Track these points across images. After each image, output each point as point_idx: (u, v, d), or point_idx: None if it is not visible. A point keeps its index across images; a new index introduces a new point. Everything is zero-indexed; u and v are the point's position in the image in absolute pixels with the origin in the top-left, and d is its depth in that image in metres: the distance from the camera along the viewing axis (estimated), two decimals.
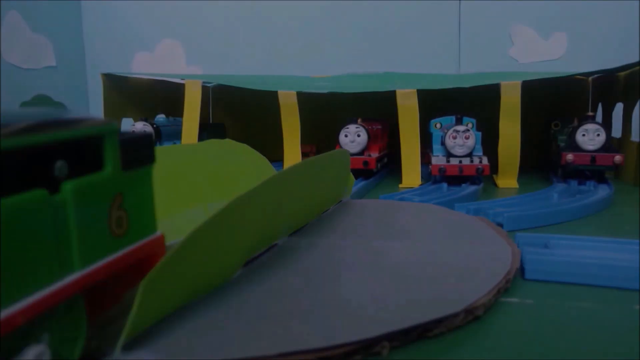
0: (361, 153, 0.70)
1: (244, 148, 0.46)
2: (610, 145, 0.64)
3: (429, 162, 0.66)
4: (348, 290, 0.27)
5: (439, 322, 0.23)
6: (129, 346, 0.20)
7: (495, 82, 0.69)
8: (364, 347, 0.21)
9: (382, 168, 0.78)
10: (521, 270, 0.32)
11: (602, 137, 0.63)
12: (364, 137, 0.70)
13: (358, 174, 0.70)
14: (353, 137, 0.70)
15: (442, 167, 0.63)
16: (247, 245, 0.29)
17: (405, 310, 0.24)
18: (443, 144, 0.66)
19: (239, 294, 0.26)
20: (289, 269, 0.30)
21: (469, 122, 0.67)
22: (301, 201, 0.37)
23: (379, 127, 0.77)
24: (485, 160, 0.63)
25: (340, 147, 0.70)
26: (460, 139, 0.63)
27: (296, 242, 0.35)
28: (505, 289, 0.28)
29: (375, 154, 0.71)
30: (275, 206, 0.31)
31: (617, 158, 0.62)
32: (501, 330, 0.24)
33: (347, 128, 0.70)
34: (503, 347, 0.23)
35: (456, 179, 0.64)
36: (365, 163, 0.68)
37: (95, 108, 1.29)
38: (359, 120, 0.71)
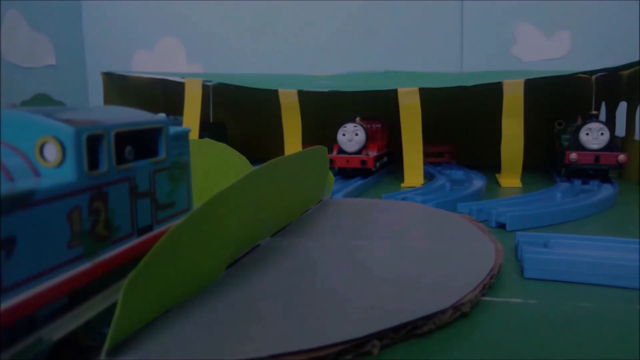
0: (359, 152, 0.70)
1: (224, 148, 0.45)
2: (614, 144, 0.63)
3: None
4: (334, 290, 0.26)
5: (427, 318, 0.23)
6: (115, 351, 0.19)
7: (498, 80, 0.68)
8: (355, 346, 0.21)
9: (382, 167, 0.77)
10: (520, 269, 0.32)
11: (606, 136, 0.63)
12: (361, 136, 0.69)
13: (356, 173, 0.70)
14: (351, 135, 0.69)
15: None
16: (229, 245, 0.28)
17: (392, 308, 0.24)
18: None
19: (225, 296, 0.25)
20: (273, 270, 0.29)
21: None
22: (281, 200, 0.36)
23: (378, 125, 0.76)
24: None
25: (339, 146, 0.70)
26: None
27: (279, 243, 0.35)
28: (490, 285, 0.28)
29: (373, 153, 0.71)
30: (255, 204, 0.30)
31: (621, 157, 0.61)
32: (494, 329, 0.24)
33: (345, 127, 0.70)
34: (498, 346, 0.22)
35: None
36: (363, 162, 0.68)
37: None
38: (357, 119, 0.71)
